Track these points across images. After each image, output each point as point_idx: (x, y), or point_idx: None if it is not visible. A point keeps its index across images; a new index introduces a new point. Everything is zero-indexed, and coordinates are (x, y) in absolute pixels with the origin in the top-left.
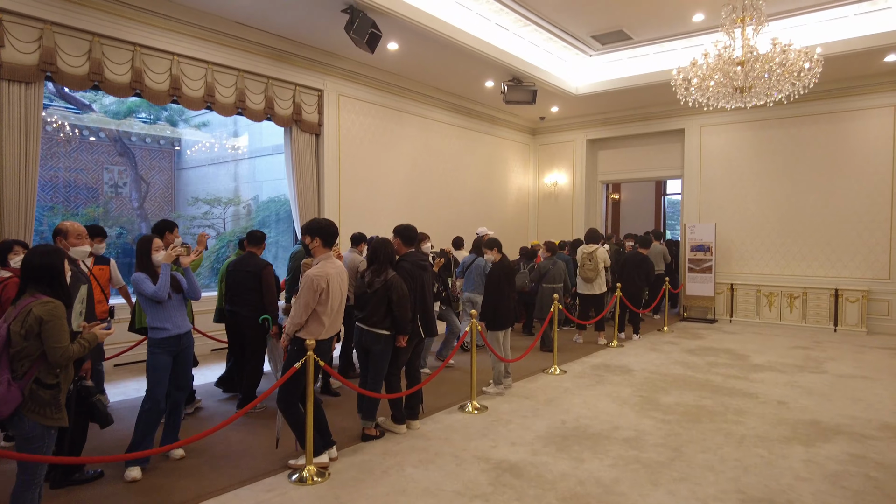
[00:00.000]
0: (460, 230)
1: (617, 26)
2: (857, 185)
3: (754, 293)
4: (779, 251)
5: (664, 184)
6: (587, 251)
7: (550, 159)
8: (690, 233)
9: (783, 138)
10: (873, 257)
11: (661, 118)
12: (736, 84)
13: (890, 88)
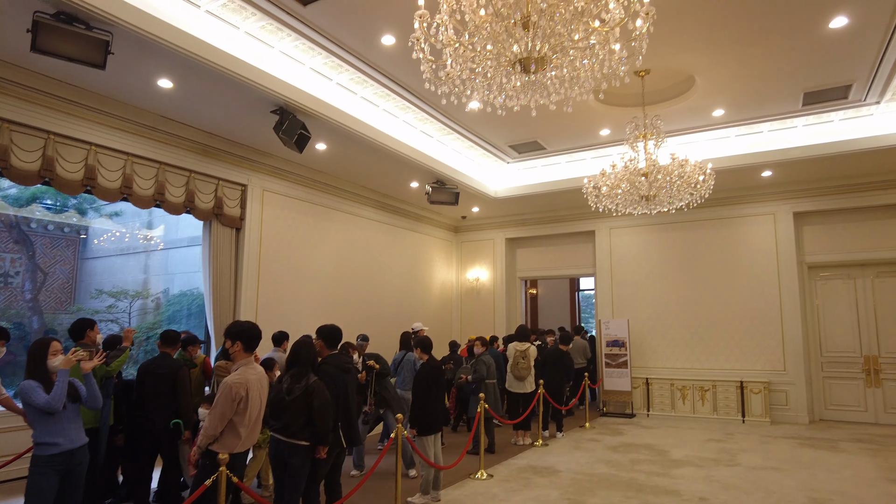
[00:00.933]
0: (386, 327)
1: (532, 138)
2: (750, 284)
3: (668, 387)
4: (688, 345)
5: (577, 280)
6: (520, 348)
7: (472, 256)
8: (605, 328)
9: (685, 240)
10: (770, 351)
11: (573, 220)
12: (641, 193)
13: (768, 199)
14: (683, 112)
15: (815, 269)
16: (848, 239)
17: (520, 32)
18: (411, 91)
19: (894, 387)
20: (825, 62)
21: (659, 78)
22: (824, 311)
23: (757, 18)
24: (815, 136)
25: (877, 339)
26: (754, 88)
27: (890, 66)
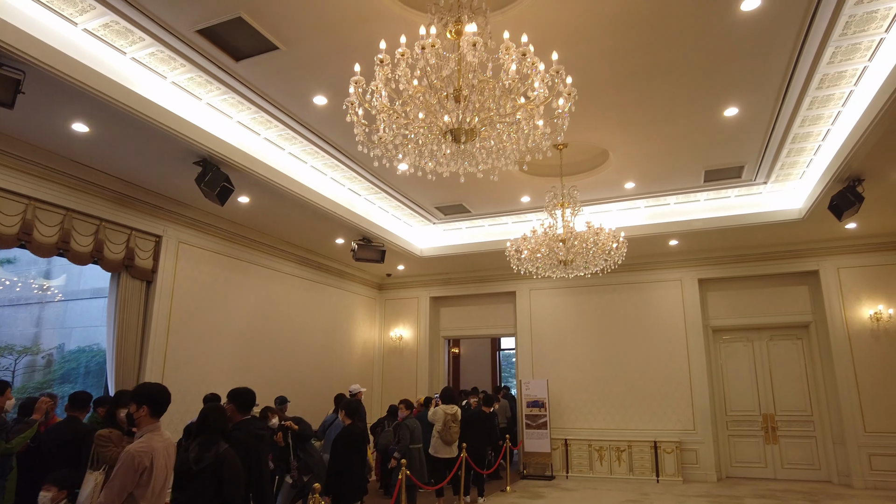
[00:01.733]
0: (305, 388)
1: (458, 201)
2: (661, 346)
3: (587, 448)
4: (604, 406)
5: (499, 340)
6: (450, 412)
7: (396, 314)
8: (525, 389)
9: (601, 303)
10: (681, 411)
11: (495, 280)
12: (559, 257)
13: (676, 266)
14: (598, 183)
15: (719, 332)
16: (746, 304)
17: (451, 104)
18: (341, 150)
19: (789, 443)
20: (722, 145)
21: (576, 151)
22: (727, 372)
23: (665, 103)
24: (715, 209)
25: (773, 398)
26: (662, 165)
27: (773, 152)
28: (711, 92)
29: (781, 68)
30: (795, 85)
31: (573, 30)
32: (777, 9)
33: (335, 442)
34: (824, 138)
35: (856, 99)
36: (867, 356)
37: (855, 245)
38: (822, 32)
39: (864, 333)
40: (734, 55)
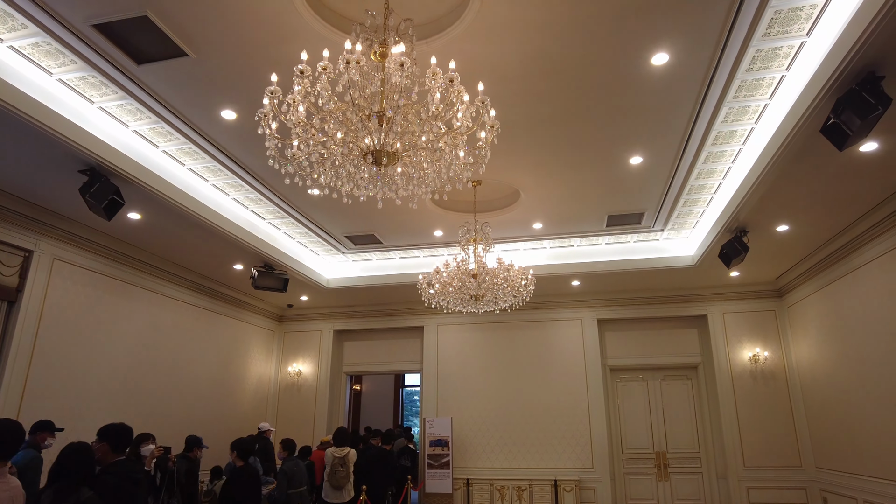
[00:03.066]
0: (191, 425)
1: (369, 231)
2: (562, 385)
3: (488, 487)
4: (506, 444)
5: (402, 376)
6: (338, 454)
7: (296, 348)
8: (429, 427)
9: (507, 340)
10: (580, 449)
11: (403, 315)
12: (471, 292)
13: (577, 306)
14: (508, 222)
15: (616, 372)
16: (642, 345)
17: (374, 125)
18: (247, 169)
19: (679, 479)
20: (626, 192)
21: (489, 189)
22: (624, 410)
23: (576, 149)
24: (615, 253)
25: (665, 436)
26: (569, 208)
27: (671, 202)
28: (619, 141)
29: (683, 123)
30: (694, 139)
31: (495, 68)
32: (683, 67)
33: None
34: (716, 191)
35: (744, 157)
36: (747, 395)
37: (738, 292)
38: (718, 92)
39: (744, 374)
40: (643, 107)
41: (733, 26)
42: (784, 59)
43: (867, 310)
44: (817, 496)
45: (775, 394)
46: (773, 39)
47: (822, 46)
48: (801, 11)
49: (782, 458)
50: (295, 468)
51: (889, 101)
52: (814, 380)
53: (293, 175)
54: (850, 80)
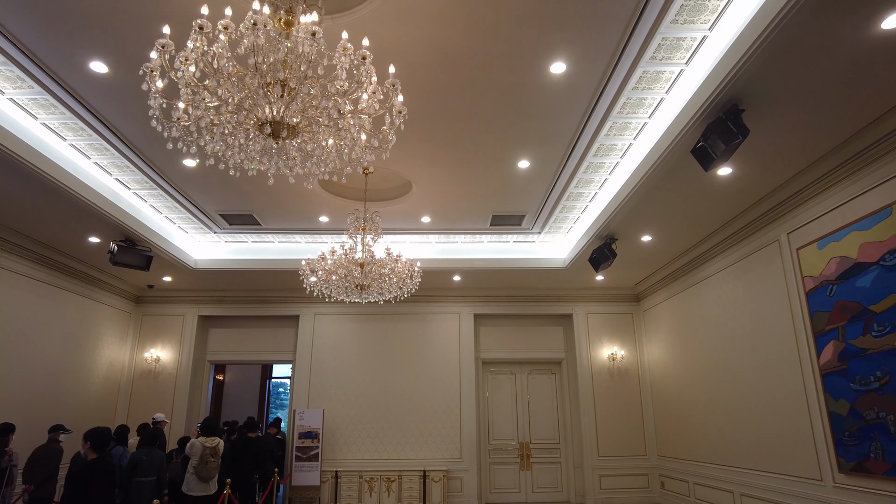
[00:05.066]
0: (31, 416)
1: (248, 210)
2: (437, 377)
3: (357, 479)
4: (378, 436)
5: (270, 367)
6: (210, 444)
7: (154, 333)
8: (299, 419)
9: (385, 332)
10: (450, 440)
11: (278, 303)
12: (356, 282)
13: (456, 300)
14: (397, 213)
15: (488, 365)
16: (513, 340)
17: (276, 95)
18: (115, 131)
19: (540, 469)
20: (510, 194)
21: (380, 178)
22: (493, 402)
23: (469, 147)
24: (495, 251)
25: (529, 427)
26: (457, 204)
27: (550, 207)
28: (511, 144)
29: (570, 132)
30: (578, 149)
31: (401, 54)
32: (577, 78)
33: (68, 476)
34: (591, 200)
35: (620, 170)
36: (604, 390)
37: (601, 295)
38: (605, 107)
39: (603, 371)
40: (536, 113)
41: (626, 46)
42: (665, 83)
43: (705, 317)
44: (657, 481)
45: (628, 390)
46: (658, 63)
47: (697, 76)
48: (683, 42)
49: (631, 448)
50: (144, 456)
51: (747, 132)
52: (661, 378)
53: (177, 140)
54: (718, 109)
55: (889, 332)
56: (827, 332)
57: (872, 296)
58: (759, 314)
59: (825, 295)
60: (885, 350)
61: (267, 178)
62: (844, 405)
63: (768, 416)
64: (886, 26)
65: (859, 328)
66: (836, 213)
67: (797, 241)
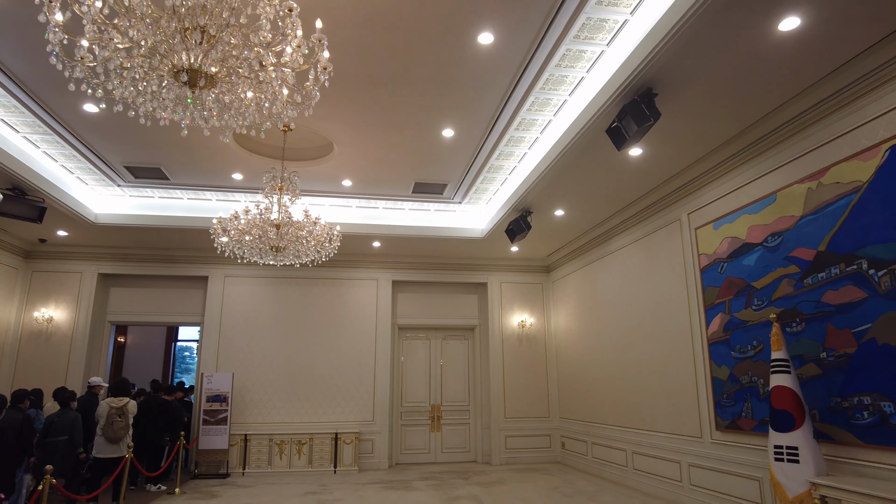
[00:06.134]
0: None
1: (155, 163)
2: (352, 342)
3: (267, 442)
4: (289, 399)
5: (176, 330)
6: (116, 405)
7: (47, 291)
8: (207, 382)
9: (300, 296)
10: (363, 403)
11: (186, 263)
12: (271, 243)
13: (375, 266)
14: (317, 175)
15: (404, 330)
16: (429, 306)
17: (194, 41)
18: (2, 67)
19: (449, 430)
20: (434, 162)
21: (300, 137)
22: (407, 367)
23: (395, 112)
24: (416, 219)
25: (441, 391)
26: (380, 169)
27: (472, 177)
28: (437, 111)
29: (494, 104)
30: (501, 122)
31: (332, 13)
32: (504, 50)
33: None
34: (511, 172)
35: (539, 144)
36: (513, 356)
37: (514, 265)
38: (529, 81)
39: (512, 337)
40: (463, 81)
41: (553, 22)
42: (587, 63)
43: (609, 289)
44: (558, 441)
45: (535, 355)
46: (581, 42)
47: (617, 58)
48: (605, 23)
49: (535, 410)
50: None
51: (659, 115)
52: (565, 344)
53: (81, 82)
54: (633, 91)
55: (767, 306)
56: (716, 306)
57: (755, 273)
58: (658, 287)
59: (717, 272)
60: (762, 322)
61: (178, 129)
62: (725, 371)
63: (661, 381)
64: (783, 28)
65: (742, 302)
66: (731, 197)
67: (696, 221)
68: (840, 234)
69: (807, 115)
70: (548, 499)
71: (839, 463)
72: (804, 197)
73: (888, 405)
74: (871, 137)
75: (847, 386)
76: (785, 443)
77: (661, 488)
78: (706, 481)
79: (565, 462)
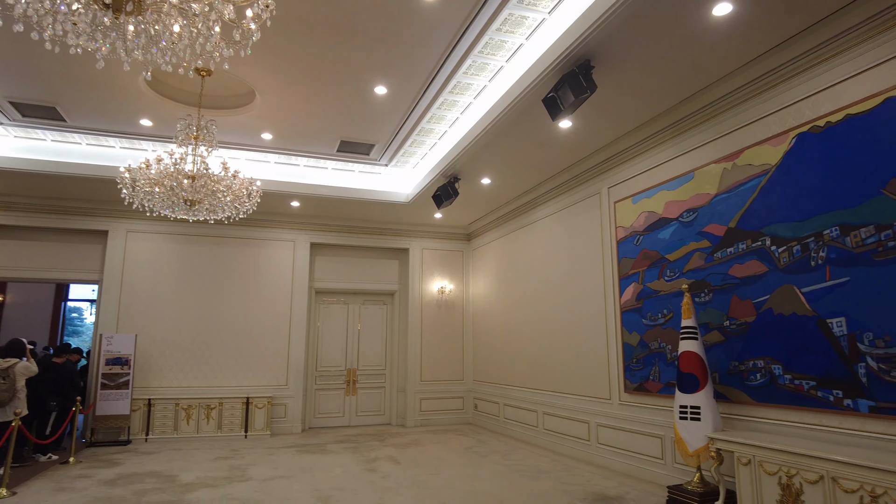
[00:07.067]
0: None
1: (50, 101)
2: (267, 304)
3: (173, 407)
4: (198, 363)
5: (66, 288)
6: (2, 366)
7: None
8: (107, 344)
9: (210, 255)
10: (276, 367)
11: (82, 215)
12: (185, 196)
13: (292, 227)
14: (235, 125)
15: (321, 294)
16: (349, 271)
17: None
18: None
19: (364, 394)
20: (363, 121)
21: (218, 83)
22: (323, 331)
23: (327, 64)
24: (340, 179)
25: (357, 355)
26: (305, 124)
27: (401, 139)
28: (371, 67)
29: (431, 65)
30: (436, 84)
31: None
32: (444, 8)
33: None
34: (441, 137)
35: (472, 111)
36: (431, 321)
37: (437, 232)
38: (468, 44)
39: (431, 303)
40: (401, 37)
41: None
42: (527, 29)
43: (529, 258)
44: (471, 403)
45: (453, 321)
46: (524, 7)
47: (558, 27)
48: None
49: (450, 373)
50: None
51: (595, 88)
52: (483, 311)
53: None
54: (572, 62)
55: (678, 278)
56: (630, 276)
57: (669, 246)
58: (576, 257)
59: (633, 244)
60: (673, 292)
61: (81, 62)
62: (636, 337)
63: (575, 346)
64: (716, 13)
65: (656, 273)
66: (651, 174)
67: (616, 195)
68: (749, 212)
69: (727, 99)
70: (463, 458)
71: (733, 420)
72: (720, 176)
73: (777, 367)
74: (781, 124)
75: (745, 351)
76: (689, 403)
77: (571, 447)
78: (613, 440)
79: (477, 423)
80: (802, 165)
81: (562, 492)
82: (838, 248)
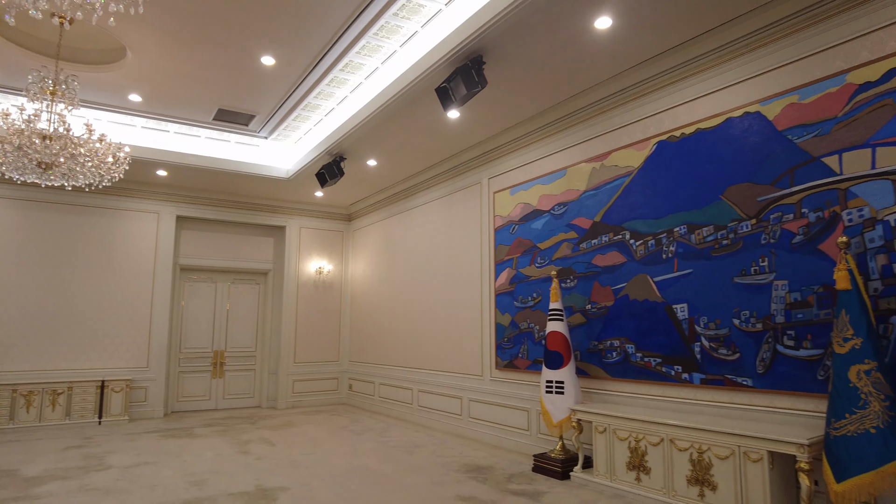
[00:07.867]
0: None
1: None
2: (126, 281)
3: (9, 394)
4: (44, 344)
5: None
6: None
7: None
8: None
9: (62, 225)
10: (136, 348)
11: None
12: (38, 158)
13: (156, 198)
14: (98, 83)
15: (187, 272)
16: (218, 247)
17: None
18: None
19: (232, 377)
20: (245, 90)
21: (81, 34)
22: (188, 310)
23: (212, 24)
24: (213, 149)
25: (226, 336)
26: (181, 88)
27: (284, 112)
28: (260, 34)
29: (324, 40)
30: (328, 59)
31: None
32: None
33: None
34: (327, 115)
35: (362, 91)
36: (307, 302)
37: (317, 211)
38: (364, 24)
39: (308, 283)
40: (297, 7)
41: None
42: (423, 18)
43: (409, 242)
44: (346, 383)
45: (330, 302)
46: None
47: (453, 20)
48: None
49: (326, 354)
50: None
51: (486, 83)
52: (361, 292)
53: None
54: (465, 56)
55: (548, 265)
56: (505, 262)
57: (541, 236)
58: (455, 243)
59: (508, 232)
60: (543, 278)
61: None
62: (507, 318)
63: (451, 326)
64: (598, 25)
65: (528, 260)
66: (528, 168)
67: (495, 186)
68: (612, 208)
69: (600, 104)
70: (338, 437)
71: (592, 393)
72: (589, 175)
73: (631, 346)
74: (645, 132)
75: (603, 332)
76: (554, 378)
77: (444, 422)
78: (483, 413)
79: (352, 403)
80: (660, 170)
81: (436, 464)
82: (685, 244)
